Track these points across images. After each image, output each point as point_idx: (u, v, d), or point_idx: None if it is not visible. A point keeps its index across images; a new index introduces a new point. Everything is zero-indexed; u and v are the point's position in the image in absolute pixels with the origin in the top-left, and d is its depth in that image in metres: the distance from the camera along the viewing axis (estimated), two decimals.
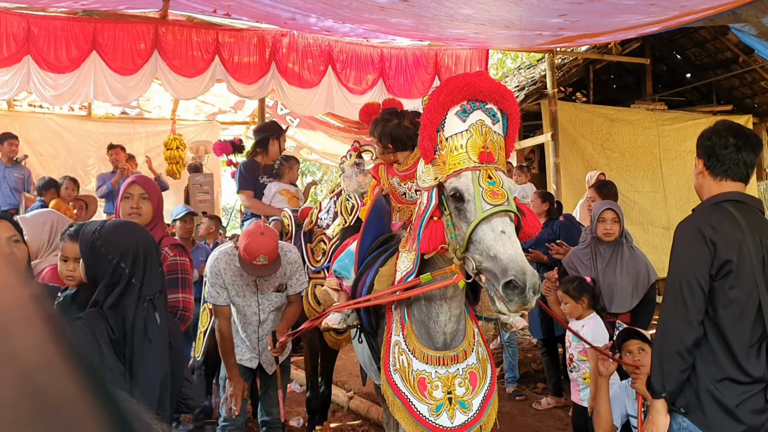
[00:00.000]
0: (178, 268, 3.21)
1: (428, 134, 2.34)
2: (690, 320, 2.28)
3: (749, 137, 2.43)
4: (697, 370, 2.32)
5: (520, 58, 13.86)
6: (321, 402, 4.74)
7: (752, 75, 10.78)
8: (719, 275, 2.28)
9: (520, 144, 10.11)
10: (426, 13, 6.22)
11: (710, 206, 2.41)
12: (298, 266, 3.84)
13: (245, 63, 7.87)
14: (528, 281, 2.02)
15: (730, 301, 2.27)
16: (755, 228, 2.33)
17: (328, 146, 11.58)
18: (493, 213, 2.14)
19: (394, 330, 2.68)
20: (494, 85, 2.32)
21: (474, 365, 2.58)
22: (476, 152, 2.23)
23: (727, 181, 2.43)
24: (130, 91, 7.50)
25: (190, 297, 3.22)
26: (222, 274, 3.67)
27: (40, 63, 7.08)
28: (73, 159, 10.09)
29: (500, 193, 2.18)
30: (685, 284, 2.29)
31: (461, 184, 2.24)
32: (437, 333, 2.53)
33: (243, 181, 5.22)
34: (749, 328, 2.28)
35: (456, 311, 2.51)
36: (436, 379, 2.53)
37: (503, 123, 2.34)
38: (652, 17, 6.08)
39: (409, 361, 2.57)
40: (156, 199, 3.31)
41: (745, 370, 2.27)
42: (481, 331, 2.73)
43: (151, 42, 7.45)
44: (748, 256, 2.28)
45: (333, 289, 3.43)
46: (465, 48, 8.76)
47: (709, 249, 2.28)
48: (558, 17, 5.90)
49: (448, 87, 2.31)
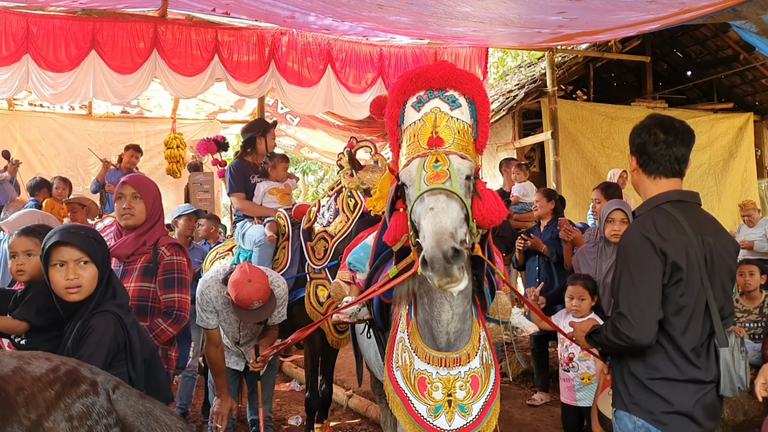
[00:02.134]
0: (174, 267, 3.19)
1: (390, 129, 2.39)
2: (649, 325, 2.22)
3: (679, 131, 2.38)
4: (648, 369, 2.29)
5: (521, 56, 13.83)
6: (321, 401, 4.74)
7: (753, 72, 10.75)
8: (670, 283, 2.25)
9: (519, 142, 10.11)
10: (424, 10, 6.21)
11: (653, 210, 2.36)
12: (282, 301, 3.84)
13: (244, 62, 7.88)
14: (435, 254, 1.99)
15: (681, 308, 2.25)
16: (696, 227, 2.31)
17: (328, 145, 11.57)
18: (425, 192, 2.15)
19: (400, 326, 2.66)
20: (449, 72, 2.34)
21: (477, 369, 2.53)
22: (425, 139, 2.26)
23: (661, 179, 2.39)
24: (129, 90, 7.51)
25: (186, 297, 3.21)
26: (213, 302, 3.70)
27: (39, 62, 7.10)
28: (74, 158, 10.08)
29: (443, 174, 2.18)
30: (643, 294, 2.23)
31: (407, 172, 2.28)
32: (440, 333, 2.49)
33: (233, 182, 5.16)
34: (699, 330, 2.27)
35: (459, 310, 2.46)
36: (436, 380, 2.49)
37: (469, 108, 2.35)
38: (651, 14, 6.06)
39: (411, 359, 2.54)
40: (150, 198, 3.26)
41: (700, 369, 2.25)
42: (488, 335, 2.68)
43: (151, 41, 7.45)
44: (694, 260, 2.25)
45: (345, 282, 3.42)
46: (464, 46, 8.75)
47: (660, 259, 2.24)
48: (557, 15, 5.88)
49: (400, 80, 2.37)
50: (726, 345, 2.27)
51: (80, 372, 1.42)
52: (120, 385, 1.48)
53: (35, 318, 2.57)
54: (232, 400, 3.70)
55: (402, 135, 2.37)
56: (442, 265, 2.00)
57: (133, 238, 3.23)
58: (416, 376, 2.52)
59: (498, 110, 9.82)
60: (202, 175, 9.27)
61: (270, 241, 4.81)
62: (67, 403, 1.33)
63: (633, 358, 2.32)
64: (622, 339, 2.23)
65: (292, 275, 4.70)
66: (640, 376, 2.29)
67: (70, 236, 2.40)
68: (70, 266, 2.36)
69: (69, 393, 1.35)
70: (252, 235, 4.92)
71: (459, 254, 2.02)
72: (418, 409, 2.50)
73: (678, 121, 2.43)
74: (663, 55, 11.53)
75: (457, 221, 2.13)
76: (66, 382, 1.36)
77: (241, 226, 5.12)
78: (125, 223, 3.25)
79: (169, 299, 3.16)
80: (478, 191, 2.31)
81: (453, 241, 2.02)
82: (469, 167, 2.28)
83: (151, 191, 3.31)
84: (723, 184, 10.40)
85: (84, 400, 1.35)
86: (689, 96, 11.70)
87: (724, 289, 2.34)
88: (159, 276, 3.18)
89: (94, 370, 1.47)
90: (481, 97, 2.37)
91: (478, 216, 2.27)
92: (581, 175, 9.49)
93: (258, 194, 5.16)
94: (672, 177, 2.39)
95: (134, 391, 1.50)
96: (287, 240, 4.86)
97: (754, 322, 4.66)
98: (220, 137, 6.52)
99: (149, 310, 3.16)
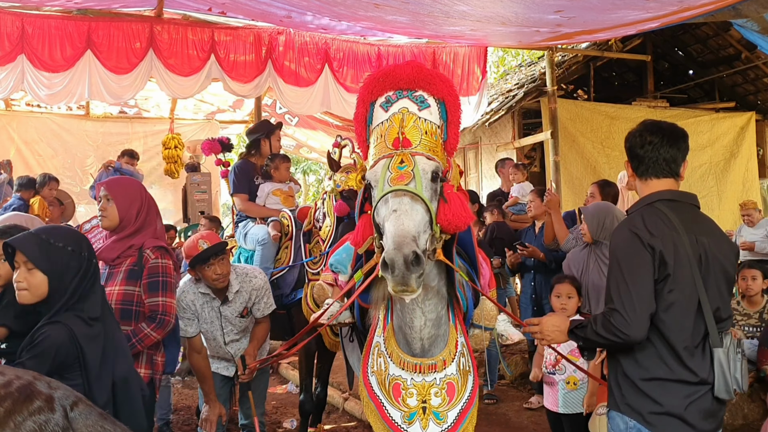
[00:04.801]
0: (159, 270, 3.14)
1: (357, 130, 2.35)
2: (642, 319, 2.21)
3: (666, 132, 2.38)
4: (640, 369, 2.27)
5: (521, 55, 13.76)
6: (316, 404, 4.69)
7: (755, 71, 10.67)
8: (659, 279, 2.24)
9: (519, 142, 10.05)
10: (421, 9, 6.15)
11: (643, 208, 2.37)
12: (265, 291, 3.80)
13: (241, 61, 7.83)
14: (396, 257, 1.94)
15: (671, 304, 2.23)
16: (690, 226, 2.29)
17: (327, 145, 11.45)
18: (388, 193, 2.11)
19: (377, 331, 2.63)
20: (418, 72, 2.30)
21: (453, 376, 2.49)
22: (392, 139, 2.21)
23: (652, 180, 2.40)
24: (125, 90, 7.46)
25: (171, 301, 3.15)
26: (191, 306, 3.65)
27: (34, 62, 7.05)
28: (72, 159, 10.06)
29: (407, 175, 2.13)
30: (634, 288, 2.22)
31: (373, 173, 2.24)
32: (414, 339, 2.46)
33: (237, 183, 5.15)
34: (690, 329, 2.24)
35: (431, 315, 2.43)
36: (411, 386, 2.46)
37: (438, 108, 2.30)
38: (650, 13, 5.99)
39: (386, 364, 2.51)
40: (124, 200, 3.19)
41: (692, 370, 2.23)
42: (467, 341, 2.63)
43: (146, 40, 7.41)
44: (685, 257, 2.24)
45: (328, 284, 3.38)
46: (463, 45, 8.69)
47: (648, 253, 2.23)
48: (554, 13, 5.82)
49: (368, 80, 2.34)
50: (720, 346, 2.24)
51: (35, 387, 1.35)
52: (80, 401, 1.41)
53: (14, 322, 2.53)
54: (221, 407, 3.64)
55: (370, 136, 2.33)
56: (402, 271, 1.95)
57: (116, 241, 3.19)
58: (391, 382, 2.49)
59: (497, 110, 9.76)
60: (200, 175, 9.23)
61: (274, 239, 4.80)
62: (17, 422, 1.26)
63: (626, 358, 2.31)
64: (615, 335, 2.21)
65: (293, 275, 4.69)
66: (632, 376, 2.28)
67: (17, 240, 2.35)
68: (21, 269, 2.32)
69: (20, 410, 1.28)
70: (255, 234, 4.91)
71: (419, 260, 1.97)
72: (392, 415, 2.46)
73: (666, 124, 2.43)
74: (664, 54, 11.46)
75: (421, 225, 2.08)
76: (18, 399, 1.30)
77: (244, 226, 5.11)
78: (101, 225, 3.25)
79: (154, 303, 3.11)
80: (445, 195, 2.25)
81: (415, 245, 1.97)
82: (436, 169, 2.23)
83: (126, 194, 3.23)
84: (724, 184, 10.32)
85: (37, 417, 1.29)
86: (691, 95, 11.64)
87: (719, 291, 2.31)
88: (143, 279, 3.13)
89: (53, 384, 1.40)
90: (452, 98, 2.34)
91: (442, 220, 2.21)
92: (581, 176, 9.42)
93: (262, 195, 5.14)
94: (663, 178, 2.39)
95: (95, 410, 1.43)
96: (290, 240, 4.84)
97: (753, 326, 4.61)
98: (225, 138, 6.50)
99: (133, 314, 3.11)
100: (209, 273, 3.52)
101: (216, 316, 3.70)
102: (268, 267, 4.66)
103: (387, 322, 2.56)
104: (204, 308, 3.67)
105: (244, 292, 3.70)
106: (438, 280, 2.43)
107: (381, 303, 2.57)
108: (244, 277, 3.71)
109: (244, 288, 3.70)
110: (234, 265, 3.77)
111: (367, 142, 2.37)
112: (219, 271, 3.53)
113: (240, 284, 3.68)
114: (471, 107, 8.81)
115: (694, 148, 2.49)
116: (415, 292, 2.02)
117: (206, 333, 3.76)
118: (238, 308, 3.72)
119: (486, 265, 3.01)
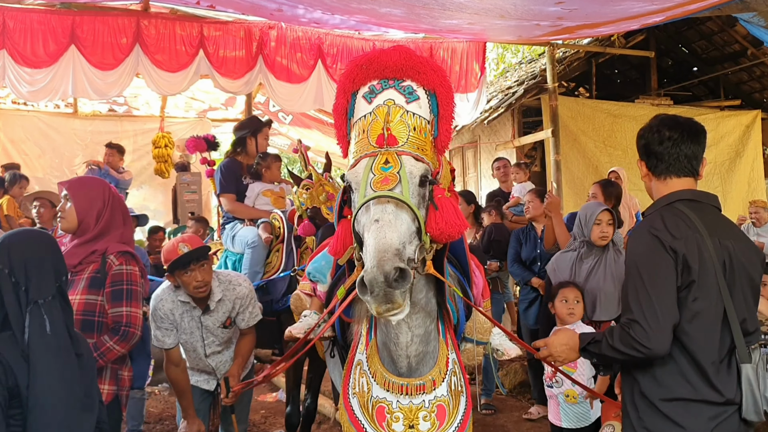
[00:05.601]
0: (123, 278, 2.89)
1: (336, 124, 2.10)
2: (665, 330, 1.99)
3: (685, 127, 2.19)
4: (663, 389, 2.05)
5: (521, 52, 13.53)
6: (305, 415, 4.44)
7: (761, 68, 10.48)
8: (682, 285, 2.03)
9: (519, 141, 9.80)
10: (416, 2, 5.89)
11: (663, 208, 2.17)
12: (250, 300, 3.52)
13: (231, 57, 7.58)
14: (376, 277, 1.70)
15: (696, 314, 2.02)
16: (712, 228, 2.09)
17: (322, 144, 11.27)
18: (370, 199, 1.86)
19: (359, 347, 2.36)
20: (406, 58, 2.04)
21: (443, 398, 2.23)
22: (375, 136, 1.95)
23: (672, 179, 2.21)
24: (110, 87, 7.21)
25: (136, 311, 2.90)
26: (169, 315, 3.35)
27: (15, 57, 6.81)
28: (59, 158, 9.78)
29: (392, 179, 1.87)
30: (655, 296, 2.00)
31: (353, 173, 1.98)
32: (400, 356, 2.19)
33: (224, 182, 4.92)
34: (717, 342, 2.03)
35: (419, 331, 2.17)
36: (397, 410, 2.19)
37: (429, 101, 2.04)
38: (655, 5, 5.74)
39: (369, 385, 2.24)
40: (84, 201, 2.96)
41: (717, 389, 2.01)
42: (459, 357, 2.37)
43: (133, 35, 7.16)
44: (709, 262, 2.03)
45: (306, 294, 3.16)
46: (461, 41, 8.43)
47: (671, 257, 2.01)
48: (555, 5, 5.56)
49: (349, 67, 2.09)
50: (748, 361, 2.03)
51: None
52: None
53: None
54: (200, 423, 3.38)
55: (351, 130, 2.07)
56: (382, 290, 1.70)
57: (77, 246, 2.94)
58: (374, 405, 2.22)
59: (497, 107, 9.53)
60: (190, 175, 9.00)
61: (266, 242, 4.58)
62: None
63: (644, 376, 2.08)
64: (636, 349, 2.00)
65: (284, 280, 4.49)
66: (651, 397, 2.06)
67: None
68: None
69: None
70: (244, 237, 4.68)
71: (404, 275, 1.72)
72: None
73: (683, 118, 2.24)
74: (668, 50, 11.25)
75: (406, 236, 1.82)
76: None
77: (231, 228, 4.87)
78: (60, 227, 3.03)
79: (117, 313, 2.86)
80: (435, 200, 1.98)
81: (398, 260, 1.71)
82: (425, 171, 1.97)
83: (87, 194, 3.00)
84: (729, 184, 10.08)
85: None
86: (695, 93, 11.44)
87: (746, 300, 2.10)
88: (107, 288, 2.88)
89: None
90: (444, 89, 2.08)
91: (432, 229, 1.95)
92: (582, 175, 9.17)
93: (251, 195, 4.92)
94: (684, 176, 2.19)
95: None
96: (282, 243, 4.61)
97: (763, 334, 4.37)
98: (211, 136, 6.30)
99: (96, 326, 2.86)
100: (189, 280, 3.24)
101: (196, 326, 3.42)
102: (258, 271, 4.43)
103: (370, 338, 2.30)
104: (183, 318, 3.39)
105: (227, 300, 3.42)
106: (426, 291, 2.18)
107: (364, 317, 2.33)
108: (228, 284, 3.44)
109: (227, 296, 3.42)
110: (216, 272, 3.50)
111: (348, 138, 2.11)
112: (200, 278, 3.24)
113: (223, 292, 3.40)
114: (469, 104, 8.57)
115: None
116: (403, 309, 1.78)
117: (186, 344, 3.48)
118: (220, 318, 3.44)
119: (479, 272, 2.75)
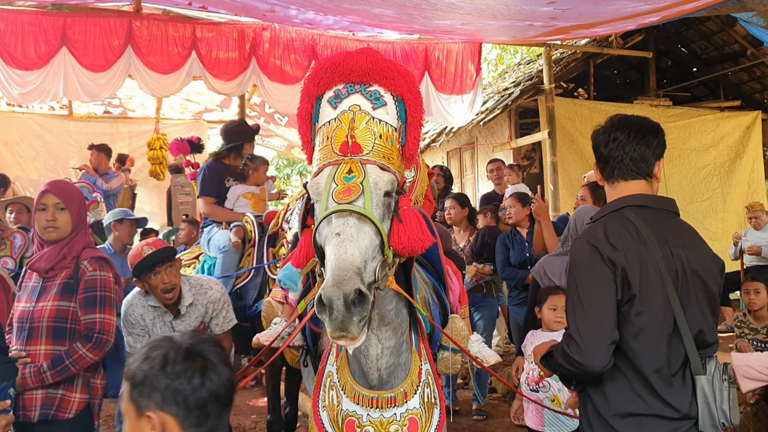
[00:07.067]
0: (97, 284, 2.83)
1: (300, 129, 2.01)
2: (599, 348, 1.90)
3: (634, 128, 2.07)
4: (615, 406, 1.96)
5: (520, 53, 13.44)
6: (285, 424, 4.37)
7: (761, 69, 10.34)
8: (624, 300, 1.92)
9: (516, 142, 9.73)
10: (407, 2, 5.82)
11: (608, 216, 2.06)
12: (223, 303, 3.47)
13: (224, 58, 7.53)
14: (335, 296, 1.62)
15: (640, 329, 1.92)
16: (663, 237, 1.98)
17: None
18: (332, 212, 1.79)
19: (329, 358, 2.29)
20: (373, 62, 1.96)
21: (415, 410, 2.16)
22: (339, 143, 1.88)
23: (620, 182, 2.10)
24: (101, 89, 7.18)
25: (110, 318, 2.84)
26: (140, 320, 3.29)
27: (6, 59, 6.79)
28: (54, 160, 9.73)
29: (354, 189, 1.80)
30: (590, 311, 1.91)
31: (315, 184, 1.91)
32: (370, 369, 2.12)
33: (205, 185, 4.85)
34: (666, 356, 1.92)
35: (389, 342, 2.10)
36: (367, 423, 2.12)
37: (396, 107, 1.96)
38: (649, 5, 5.65)
39: (339, 398, 2.17)
40: (75, 208, 2.93)
41: (670, 404, 1.91)
42: (434, 368, 2.29)
43: (125, 37, 7.12)
44: (655, 274, 1.92)
45: (277, 302, 3.08)
46: (456, 42, 8.36)
47: (609, 270, 1.91)
48: (547, 5, 5.48)
49: (315, 70, 2.01)
50: (702, 373, 1.92)
51: None
52: None
53: None
54: None
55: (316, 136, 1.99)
56: (341, 314, 1.63)
57: (53, 250, 2.88)
58: (344, 419, 2.15)
59: (493, 108, 9.45)
60: (184, 177, 8.89)
61: (234, 246, 4.48)
62: None
63: (595, 392, 1.99)
64: (572, 365, 1.92)
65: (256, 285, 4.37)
66: (605, 413, 1.97)
67: None
68: None
69: None
70: (217, 241, 4.60)
71: (363, 300, 1.65)
72: None
73: (637, 118, 2.13)
74: (667, 50, 11.13)
75: (369, 252, 1.76)
76: None
77: (208, 231, 4.80)
78: (48, 237, 2.91)
79: (90, 320, 2.80)
80: (400, 213, 1.91)
81: (358, 281, 1.64)
82: (390, 181, 1.90)
83: (75, 200, 2.98)
84: (729, 185, 9.96)
85: None
86: (694, 93, 11.31)
87: (701, 312, 1.98)
88: (80, 294, 2.82)
89: None
90: (412, 95, 2.00)
91: (395, 243, 1.87)
92: (579, 177, 9.03)
93: (231, 198, 4.83)
94: (632, 180, 2.07)
95: None
96: (253, 247, 4.53)
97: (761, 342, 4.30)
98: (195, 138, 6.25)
99: (68, 333, 2.81)
100: (156, 283, 3.17)
101: (169, 331, 3.34)
102: (230, 276, 4.36)
103: (340, 349, 2.22)
104: (155, 323, 3.33)
105: (198, 305, 3.36)
106: (396, 302, 2.11)
107: None
108: (199, 288, 3.38)
109: (199, 301, 3.36)
110: (187, 276, 3.44)
111: (313, 144, 2.04)
112: (166, 279, 3.18)
113: (194, 296, 3.34)
114: (465, 106, 8.49)
115: (697, 148, 2.17)
116: (356, 340, 1.71)
117: None
118: (193, 323, 3.38)
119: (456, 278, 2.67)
